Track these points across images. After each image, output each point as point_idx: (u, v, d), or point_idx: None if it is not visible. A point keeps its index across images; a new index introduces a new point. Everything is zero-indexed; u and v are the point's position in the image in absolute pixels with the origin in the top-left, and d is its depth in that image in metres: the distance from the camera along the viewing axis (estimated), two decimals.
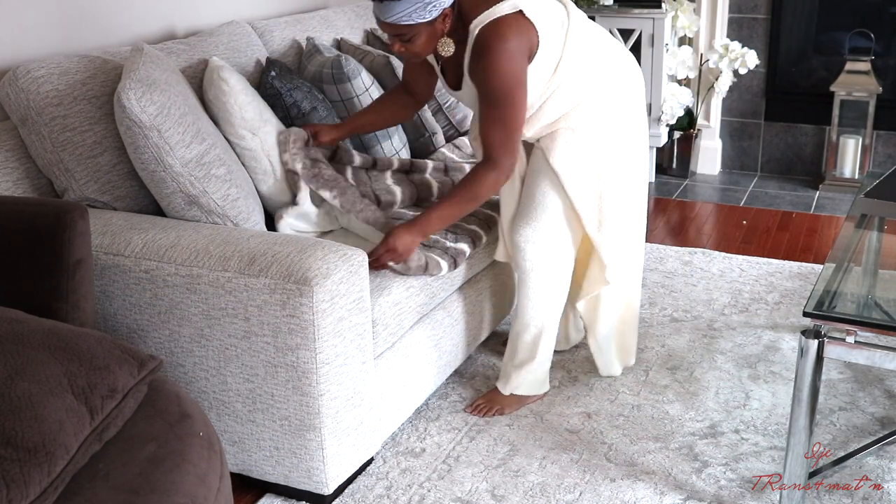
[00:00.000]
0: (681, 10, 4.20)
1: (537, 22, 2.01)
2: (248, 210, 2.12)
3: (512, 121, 2.02)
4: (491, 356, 2.68)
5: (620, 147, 2.20)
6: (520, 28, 1.98)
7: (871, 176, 2.45)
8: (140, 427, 1.38)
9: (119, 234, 1.96)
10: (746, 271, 3.27)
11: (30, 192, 2.10)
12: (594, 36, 2.17)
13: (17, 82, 2.04)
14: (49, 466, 1.19)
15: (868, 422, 2.31)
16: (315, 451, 1.90)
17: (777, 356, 2.65)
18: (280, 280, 1.77)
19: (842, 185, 4.25)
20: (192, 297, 1.86)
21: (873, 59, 4.12)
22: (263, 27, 2.88)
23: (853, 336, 1.72)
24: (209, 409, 1.96)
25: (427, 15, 1.95)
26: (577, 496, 2.04)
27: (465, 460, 2.18)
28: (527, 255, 2.24)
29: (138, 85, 1.92)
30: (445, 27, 2.02)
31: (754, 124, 4.53)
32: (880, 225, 2.29)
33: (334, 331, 1.82)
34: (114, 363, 1.37)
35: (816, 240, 3.65)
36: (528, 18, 1.99)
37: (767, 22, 4.34)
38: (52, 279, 1.60)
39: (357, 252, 1.89)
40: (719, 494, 2.04)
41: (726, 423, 2.31)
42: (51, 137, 2.05)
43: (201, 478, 1.35)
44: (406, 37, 2.00)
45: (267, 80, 2.48)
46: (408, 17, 1.95)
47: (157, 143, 1.94)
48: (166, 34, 2.75)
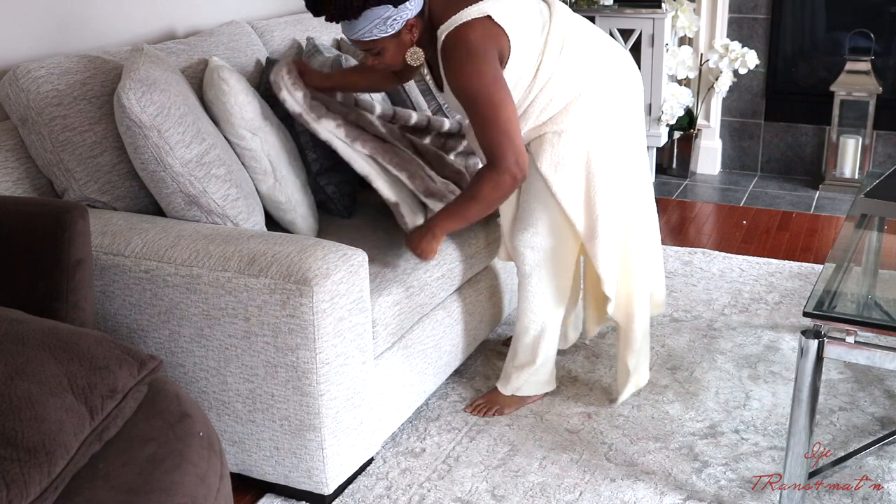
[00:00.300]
0: (681, 10, 4.20)
1: (508, 26, 1.96)
2: (248, 210, 2.12)
3: (497, 120, 1.95)
4: (491, 356, 2.68)
5: (613, 151, 2.13)
6: (486, 32, 1.93)
7: (871, 176, 2.45)
8: (140, 427, 1.38)
9: (119, 234, 1.96)
10: (746, 271, 3.27)
11: (30, 192, 2.10)
12: (584, 36, 2.12)
13: (18, 82, 2.04)
14: (49, 466, 1.19)
15: (868, 422, 2.31)
16: (315, 451, 1.90)
17: (777, 356, 2.65)
18: (280, 280, 1.77)
19: (842, 185, 4.25)
20: (192, 297, 1.86)
21: (873, 59, 4.12)
22: (263, 27, 2.88)
23: (853, 336, 1.72)
24: (209, 409, 1.96)
25: (389, 29, 1.94)
26: (577, 496, 2.04)
27: (465, 460, 2.18)
28: (526, 259, 2.23)
29: (138, 85, 1.92)
30: (413, 37, 2.00)
31: (754, 124, 4.53)
32: (880, 225, 2.29)
33: (334, 331, 1.82)
34: (114, 363, 1.37)
35: (816, 240, 3.65)
36: (496, 23, 1.94)
37: (767, 22, 4.34)
38: (52, 279, 1.60)
39: (357, 252, 1.89)
40: (719, 494, 2.04)
41: (726, 423, 2.31)
42: (51, 137, 2.05)
43: (201, 478, 1.35)
44: (374, 50, 2.00)
45: (267, 80, 2.47)
46: (370, 34, 1.95)
47: (156, 143, 1.94)
48: (166, 34, 2.75)
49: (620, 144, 2.15)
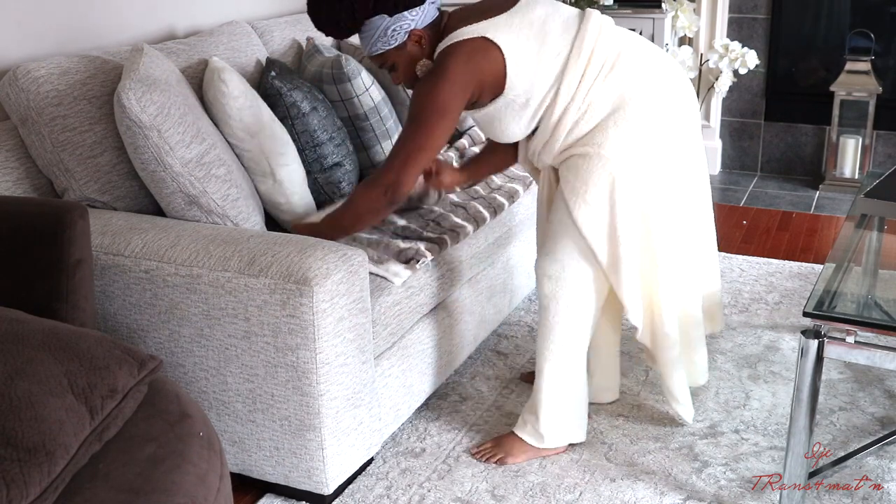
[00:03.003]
0: (681, 10, 4.20)
1: (505, 44, 1.89)
2: (248, 210, 2.12)
3: (412, 139, 1.89)
4: (491, 356, 2.68)
5: (646, 175, 1.96)
6: (473, 54, 1.88)
7: (871, 176, 2.45)
8: (140, 427, 1.38)
9: (119, 234, 1.96)
10: (746, 271, 3.27)
11: (30, 192, 2.10)
12: (620, 51, 1.97)
13: (18, 82, 2.04)
14: (49, 466, 1.19)
15: (868, 422, 2.31)
16: (315, 451, 1.90)
17: (777, 356, 2.65)
18: (280, 280, 1.77)
19: (842, 185, 4.25)
20: (192, 297, 1.86)
21: (873, 59, 4.12)
22: (263, 27, 2.88)
23: (853, 336, 1.72)
24: (209, 409, 1.96)
25: (391, 41, 1.93)
26: (577, 496, 2.04)
27: (465, 460, 2.18)
28: (544, 289, 2.05)
29: (138, 85, 1.92)
30: (423, 49, 1.96)
31: (754, 124, 4.53)
32: (880, 225, 2.29)
33: (334, 331, 1.82)
34: (114, 363, 1.37)
35: (816, 240, 3.65)
36: (492, 42, 1.88)
37: (767, 22, 4.34)
38: (52, 279, 1.60)
39: (357, 252, 1.89)
40: (719, 494, 2.04)
41: (726, 423, 2.31)
42: (51, 137, 2.05)
43: (201, 478, 1.35)
44: (387, 65, 1.99)
45: (267, 80, 2.48)
46: (375, 48, 1.94)
47: (156, 143, 1.94)
48: (166, 34, 2.75)
49: (657, 168, 1.97)
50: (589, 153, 1.95)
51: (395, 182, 1.91)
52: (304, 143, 2.46)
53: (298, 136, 2.46)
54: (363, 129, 2.69)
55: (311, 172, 2.49)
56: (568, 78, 1.94)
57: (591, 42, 1.94)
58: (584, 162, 1.95)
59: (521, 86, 1.94)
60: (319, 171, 2.50)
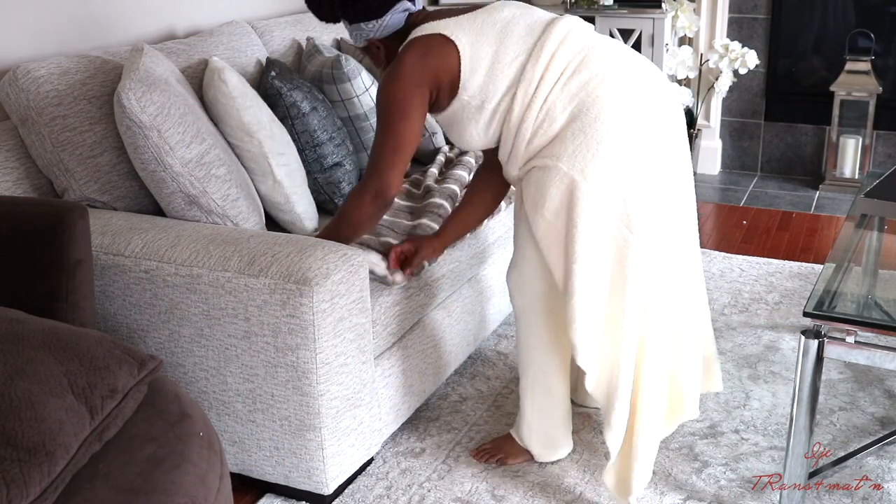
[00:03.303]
0: (681, 10, 4.20)
1: (462, 42, 1.85)
2: (248, 210, 2.12)
3: (383, 143, 1.88)
4: (491, 356, 2.68)
5: (609, 192, 1.80)
6: (427, 51, 1.85)
7: (871, 176, 2.45)
8: (140, 427, 1.38)
9: (119, 234, 1.96)
10: (746, 271, 3.27)
11: (30, 192, 2.10)
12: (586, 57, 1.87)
13: (18, 82, 2.05)
14: (49, 466, 1.19)
15: (868, 422, 2.31)
16: (315, 452, 1.90)
17: (777, 356, 2.65)
18: (280, 280, 1.77)
19: (842, 185, 4.25)
20: (192, 297, 1.86)
21: (873, 59, 4.12)
22: (263, 27, 2.88)
23: (853, 336, 1.72)
24: (209, 409, 1.96)
25: (357, 41, 2.00)
26: (577, 496, 2.04)
27: (465, 460, 2.18)
28: (515, 301, 2.02)
29: (138, 85, 1.92)
30: (380, 57, 2.01)
31: (754, 124, 4.53)
32: (880, 225, 2.29)
33: (334, 331, 1.82)
34: (114, 363, 1.37)
35: (816, 240, 3.65)
36: (448, 39, 1.85)
37: (767, 22, 4.34)
38: (52, 279, 1.60)
39: (357, 252, 1.89)
40: (719, 494, 2.04)
41: (726, 423, 2.31)
42: (51, 137, 2.05)
43: (201, 478, 1.35)
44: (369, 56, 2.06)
45: (267, 80, 2.48)
46: (353, 40, 2.02)
47: (156, 143, 1.94)
48: (166, 34, 2.75)
49: (629, 185, 1.81)
50: (548, 165, 1.83)
51: (381, 187, 1.90)
52: (304, 143, 2.46)
53: (298, 136, 2.46)
54: (363, 129, 2.69)
55: (311, 172, 2.49)
56: (524, 83, 1.85)
57: (551, 48, 1.85)
58: (544, 175, 1.84)
59: (474, 86, 1.88)
60: (319, 171, 2.50)
